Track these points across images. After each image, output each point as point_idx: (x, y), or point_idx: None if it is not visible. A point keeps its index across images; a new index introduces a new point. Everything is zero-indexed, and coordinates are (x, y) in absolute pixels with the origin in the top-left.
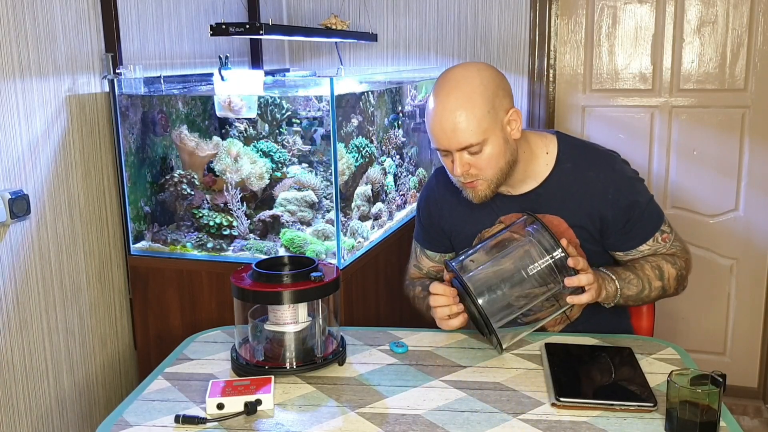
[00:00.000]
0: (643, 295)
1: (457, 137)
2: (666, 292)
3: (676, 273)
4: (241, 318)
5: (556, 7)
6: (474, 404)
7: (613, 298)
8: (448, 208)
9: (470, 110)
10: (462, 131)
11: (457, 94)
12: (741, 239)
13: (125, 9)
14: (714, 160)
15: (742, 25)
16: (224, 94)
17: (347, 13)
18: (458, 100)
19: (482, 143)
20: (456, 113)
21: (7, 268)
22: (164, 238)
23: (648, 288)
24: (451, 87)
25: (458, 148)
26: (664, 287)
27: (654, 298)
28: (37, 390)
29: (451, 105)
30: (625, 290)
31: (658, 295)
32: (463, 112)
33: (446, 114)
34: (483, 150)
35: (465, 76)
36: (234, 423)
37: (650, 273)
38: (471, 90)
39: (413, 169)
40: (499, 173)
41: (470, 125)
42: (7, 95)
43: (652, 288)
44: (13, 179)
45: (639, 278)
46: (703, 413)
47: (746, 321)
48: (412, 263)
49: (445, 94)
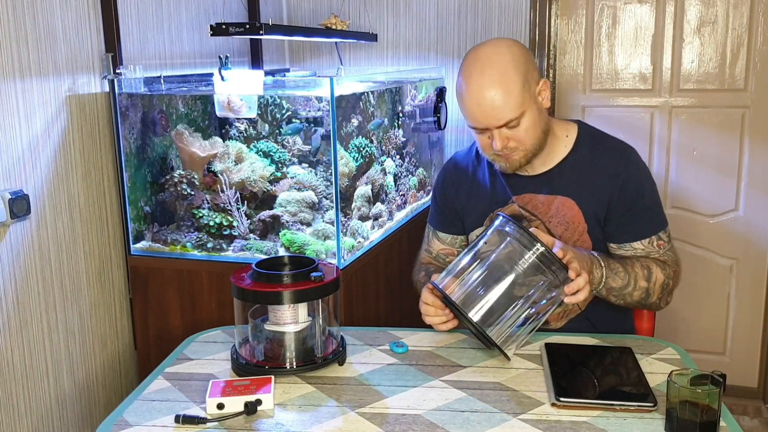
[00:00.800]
0: (625, 292)
1: (496, 115)
2: (648, 298)
3: (663, 279)
4: (241, 318)
5: (556, 7)
6: (474, 404)
7: (597, 285)
8: (465, 188)
9: (506, 87)
10: (501, 108)
11: (491, 72)
12: (741, 239)
13: (125, 9)
14: (714, 160)
15: (742, 25)
16: (224, 94)
17: (347, 13)
18: (493, 78)
19: (520, 117)
20: (493, 91)
21: (7, 268)
22: (164, 238)
23: (633, 285)
24: (484, 65)
25: (498, 126)
26: (648, 291)
27: (635, 301)
28: (37, 390)
29: (486, 83)
30: (610, 281)
31: (640, 297)
32: (500, 89)
33: (483, 92)
34: (521, 123)
35: (496, 53)
36: (234, 423)
37: (639, 271)
38: (504, 66)
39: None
40: (536, 142)
41: (508, 102)
42: (7, 95)
43: (636, 287)
44: (13, 179)
45: (626, 272)
46: (703, 413)
47: (746, 321)
48: (424, 248)
49: (478, 72)
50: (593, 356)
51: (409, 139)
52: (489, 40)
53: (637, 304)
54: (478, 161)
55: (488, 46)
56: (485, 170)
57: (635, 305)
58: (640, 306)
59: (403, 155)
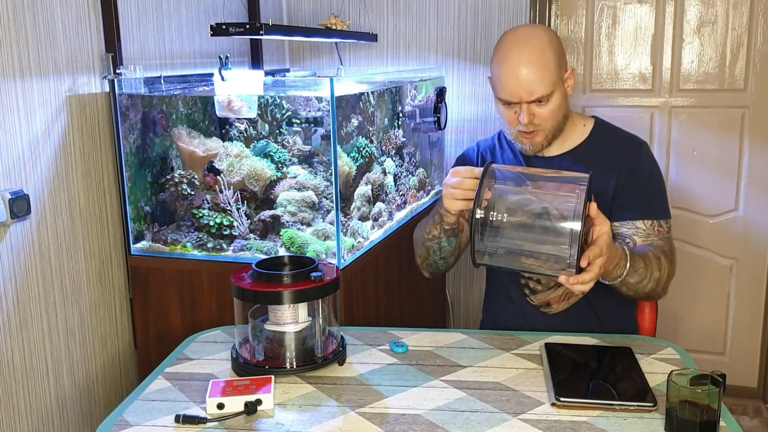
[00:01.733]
0: (639, 286)
1: (530, 88)
2: (657, 287)
3: (668, 270)
4: (241, 318)
5: (556, 7)
6: (474, 404)
7: (611, 281)
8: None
9: (543, 64)
10: (536, 83)
11: (530, 49)
12: (741, 239)
13: (125, 9)
14: (714, 160)
15: (741, 25)
16: (224, 94)
17: (347, 13)
18: (532, 54)
19: (550, 95)
20: (531, 65)
21: (8, 268)
22: (164, 238)
23: (648, 278)
24: (523, 43)
25: (530, 100)
26: (659, 281)
27: (645, 293)
28: (37, 390)
29: (525, 58)
30: (629, 278)
31: (651, 289)
32: (538, 65)
33: (522, 66)
34: (549, 102)
35: (535, 34)
36: (234, 423)
37: (654, 263)
38: (542, 45)
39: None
40: (556, 125)
41: (543, 78)
42: (7, 95)
43: (650, 279)
44: (13, 179)
45: (646, 268)
46: (703, 413)
47: (746, 321)
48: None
49: (518, 49)
50: (593, 356)
51: (409, 139)
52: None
53: (644, 296)
54: (500, 146)
55: (526, 28)
56: (507, 153)
57: (643, 297)
58: (646, 297)
59: (403, 155)
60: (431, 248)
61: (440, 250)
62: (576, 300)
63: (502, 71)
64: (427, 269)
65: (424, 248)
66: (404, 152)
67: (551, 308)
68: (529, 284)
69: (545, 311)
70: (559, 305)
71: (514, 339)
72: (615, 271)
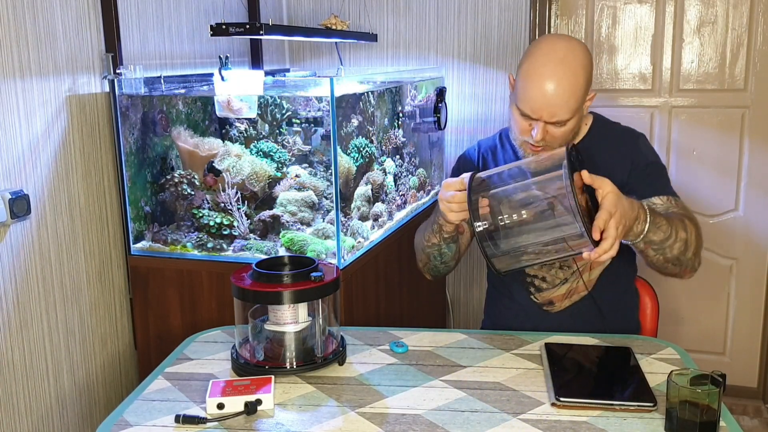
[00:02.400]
0: (666, 245)
1: (554, 111)
2: (687, 251)
3: (696, 231)
4: (241, 318)
5: (556, 7)
6: (474, 404)
7: (634, 238)
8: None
9: (573, 90)
10: (561, 107)
11: (564, 70)
12: (741, 239)
13: (125, 9)
14: (714, 160)
15: (741, 25)
16: (224, 95)
17: (347, 13)
18: (565, 77)
19: (568, 120)
20: (560, 89)
21: (8, 268)
22: (164, 238)
23: (674, 237)
24: (558, 62)
25: (549, 121)
26: (687, 242)
27: (675, 255)
28: (37, 390)
29: (557, 80)
30: (651, 234)
31: (680, 251)
32: (567, 90)
33: (551, 86)
34: (566, 124)
35: (573, 55)
36: (234, 423)
37: (678, 223)
38: (577, 69)
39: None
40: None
41: (569, 102)
42: (7, 95)
43: (677, 238)
44: (13, 179)
45: (669, 225)
46: (703, 413)
47: (746, 321)
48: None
49: (552, 67)
50: (593, 356)
51: (409, 139)
52: (562, 35)
53: (675, 261)
54: (502, 146)
55: (565, 45)
56: (509, 153)
57: (673, 262)
58: (677, 264)
59: (403, 155)
60: (431, 254)
61: (440, 255)
62: (578, 298)
63: (530, 85)
64: (428, 273)
65: (425, 254)
66: (404, 152)
67: (554, 306)
68: (534, 282)
69: (548, 309)
70: (562, 303)
71: (514, 339)
72: (636, 226)
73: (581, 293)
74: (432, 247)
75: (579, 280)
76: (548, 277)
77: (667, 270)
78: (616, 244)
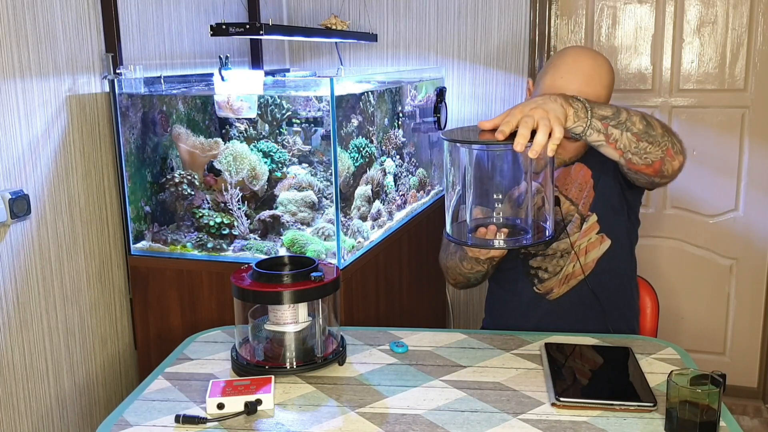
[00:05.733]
0: (622, 118)
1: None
2: (650, 126)
3: (644, 114)
4: (241, 318)
5: (556, 7)
6: (474, 404)
7: (585, 119)
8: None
9: None
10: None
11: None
12: (741, 239)
13: (125, 9)
14: (714, 160)
15: (741, 25)
16: (224, 94)
17: (347, 13)
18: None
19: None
20: None
21: (8, 268)
22: (164, 238)
23: (625, 112)
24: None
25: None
26: (645, 117)
27: (640, 131)
28: (37, 390)
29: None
30: (597, 109)
31: (643, 124)
32: None
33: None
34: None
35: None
36: (234, 423)
37: (629, 111)
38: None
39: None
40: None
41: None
42: (7, 95)
43: (629, 112)
44: (13, 179)
45: (613, 107)
46: (703, 413)
47: (746, 321)
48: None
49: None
50: (593, 356)
51: (409, 139)
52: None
53: (648, 138)
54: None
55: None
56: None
57: (648, 140)
58: (654, 143)
59: (403, 155)
60: (473, 277)
61: (485, 275)
62: (576, 282)
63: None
64: (462, 288)
65: (464, 278)
66: (404, 152)
67: (553, 293)
68: (538, 273)
69: (548, 298)
70: (560, 289)
71: (514, 339)
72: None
73: (578, 277)
74: (476, 273)
75: (575, 263)
76: (550, 267)
77: (649, 155)
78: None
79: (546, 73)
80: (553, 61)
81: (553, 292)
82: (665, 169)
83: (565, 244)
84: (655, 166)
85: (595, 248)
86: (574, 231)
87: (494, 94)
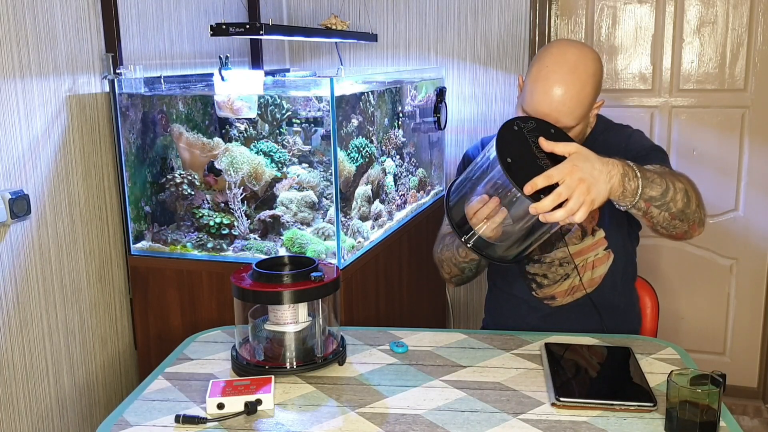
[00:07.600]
0: (667, 198)
1: (558, 118)
2: (690, 203)
3: (689, 182)
4: (241, 318)
5: (556, 7)
6: (474, 404)
7: (631, 199)
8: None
9: (580, 99)
10: (566, 114)
11: (573, 79)
12: (741, 239)
13: (125, 9)
14: (714, 160)
15: (741, 25)
16: (224, 95)
17: (347, 13)
18: (573, 86)
19: (573, 127)
20: (566, 97)
21: (8, 268)
22: (164, 238)
23: (673, 189)
24: (568, 70)
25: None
26: (687, 193)
27: (679, 209)
28: (37, 390)
29: (564, 86)
30: (648, 190)
31: (684, 204)
32: (574, 99)
33: (558, 94)
34: (570, 131)
35: (583, 64)
36: (234, 423)
37: (669, 176)
38: (586, 78)
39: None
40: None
41: (575, 111)
42: (7, 95)
43: (676, 189)
44: (13, 179)
45: (662, 178)
46: (703, 413)
47: (746, 321)
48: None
49: (560, 75)
50: (593, 356)
51: (409, 139)
52: (574, 41)
53: (681, 216)
54: None
55: (577, 51)
56: None
57: (680, 218)
58: (684, 220)
59: (403, 155)
60: (467, 268)
61: (477, 267)
62: (581, 295)
63: (537, 89)
64: (455, 283)
65: (458, 268)
66: (404, 152)
67: (555, 301)
68: (536, 279)
69: (549, 303)
70: (564, 299)
71: (514, 339)
72: (627, 183)
73: (583, 291)
74: (470, 263)
75: (580, 277)
76: (549, 274)
77: (676, 229)
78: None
79: (533, 67)
80: (540, 54)
81: (556, 301)
82: (683, 238)
83: (563, 252)
84: (677, 236)
85: (602, 263)
86: (574, 242)
87: (494, 94)
